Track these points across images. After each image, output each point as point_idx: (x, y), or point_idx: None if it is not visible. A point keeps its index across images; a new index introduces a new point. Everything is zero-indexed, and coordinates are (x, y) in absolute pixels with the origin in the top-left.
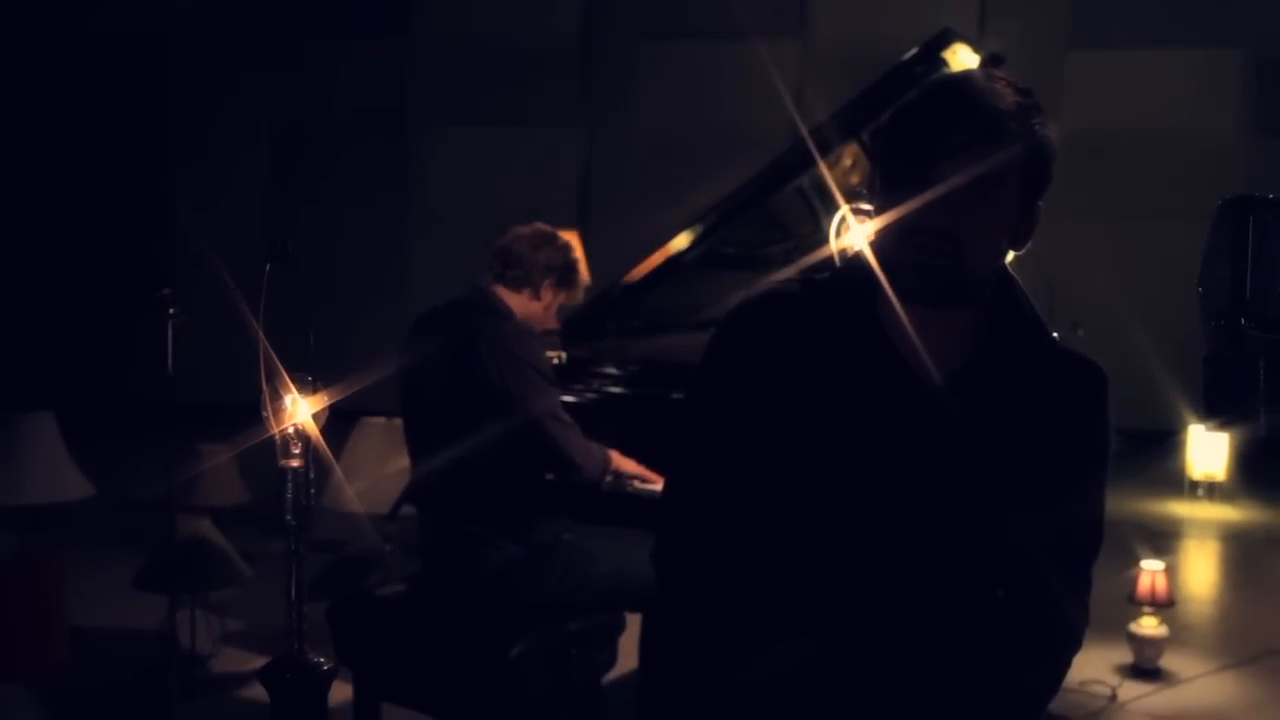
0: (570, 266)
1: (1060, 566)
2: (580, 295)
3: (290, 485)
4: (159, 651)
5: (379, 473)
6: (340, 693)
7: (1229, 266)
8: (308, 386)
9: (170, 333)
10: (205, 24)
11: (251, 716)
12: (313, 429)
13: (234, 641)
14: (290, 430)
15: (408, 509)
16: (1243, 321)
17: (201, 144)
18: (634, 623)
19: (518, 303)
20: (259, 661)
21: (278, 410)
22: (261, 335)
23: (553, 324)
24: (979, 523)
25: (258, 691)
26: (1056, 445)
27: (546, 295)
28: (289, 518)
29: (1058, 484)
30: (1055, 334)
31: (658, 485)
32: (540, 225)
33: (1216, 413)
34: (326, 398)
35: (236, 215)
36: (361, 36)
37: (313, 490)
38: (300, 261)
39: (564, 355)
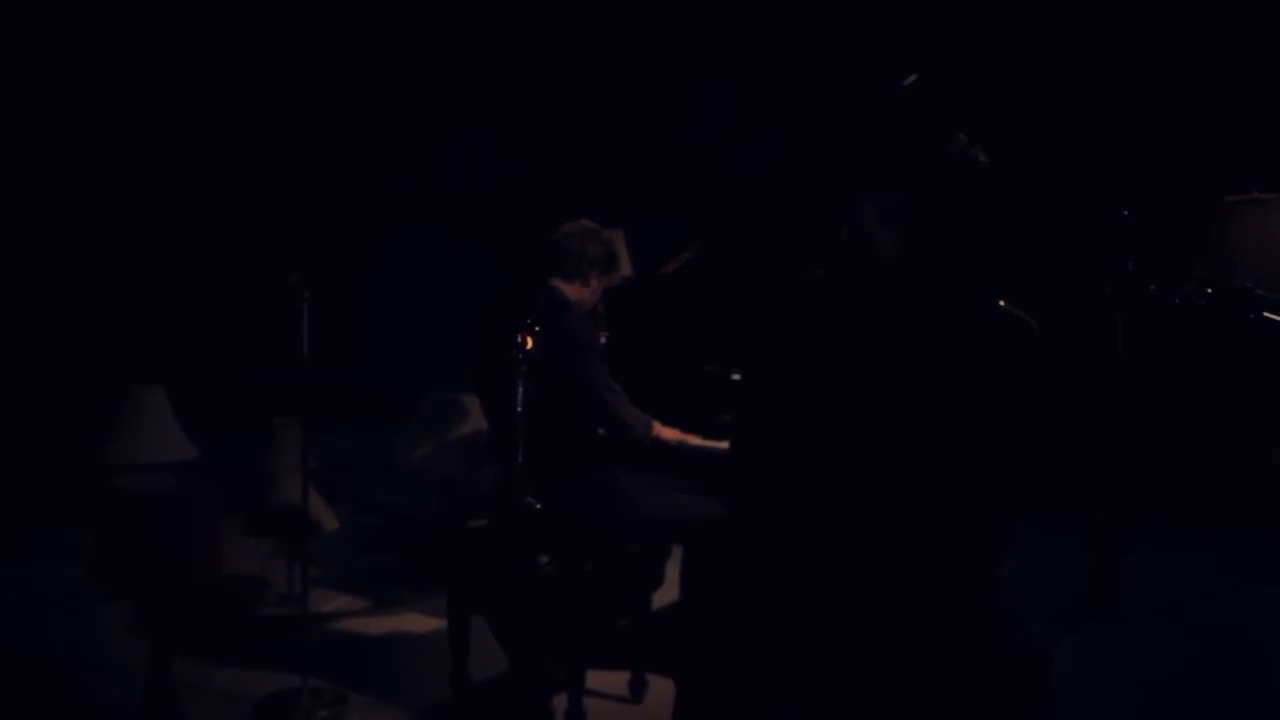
0: (613, 256)
1: (1004, 463)
2: (618, 279)
3: (521, 383)
4: (254, 588)
5: (443, 439)
6: (426, 624)
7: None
8: (530, 330)
9: (305, 318)
10: None
11: (353, 644)
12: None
13: (320, 584)
14: (520, 355)
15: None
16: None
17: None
18: (676, 551)
19: (572, 291)
20: (341, 600)
21: (512, 342)
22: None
23: (598, 306)
24: (942, 433)
25: (353, 624)
26: (1001, 376)
27: (594, 282)
28: (519, 409)
29: (1000, 403)
30: (1001, 302)
31: (692, 441)
32: (585, 221)
33: None
34: (538, 338)
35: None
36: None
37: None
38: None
39: (608, 335)
